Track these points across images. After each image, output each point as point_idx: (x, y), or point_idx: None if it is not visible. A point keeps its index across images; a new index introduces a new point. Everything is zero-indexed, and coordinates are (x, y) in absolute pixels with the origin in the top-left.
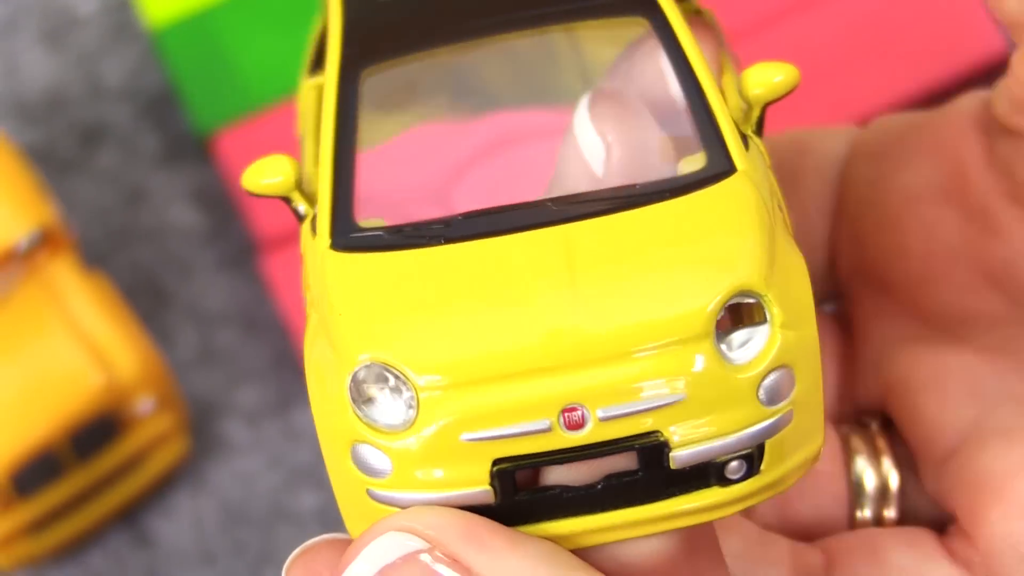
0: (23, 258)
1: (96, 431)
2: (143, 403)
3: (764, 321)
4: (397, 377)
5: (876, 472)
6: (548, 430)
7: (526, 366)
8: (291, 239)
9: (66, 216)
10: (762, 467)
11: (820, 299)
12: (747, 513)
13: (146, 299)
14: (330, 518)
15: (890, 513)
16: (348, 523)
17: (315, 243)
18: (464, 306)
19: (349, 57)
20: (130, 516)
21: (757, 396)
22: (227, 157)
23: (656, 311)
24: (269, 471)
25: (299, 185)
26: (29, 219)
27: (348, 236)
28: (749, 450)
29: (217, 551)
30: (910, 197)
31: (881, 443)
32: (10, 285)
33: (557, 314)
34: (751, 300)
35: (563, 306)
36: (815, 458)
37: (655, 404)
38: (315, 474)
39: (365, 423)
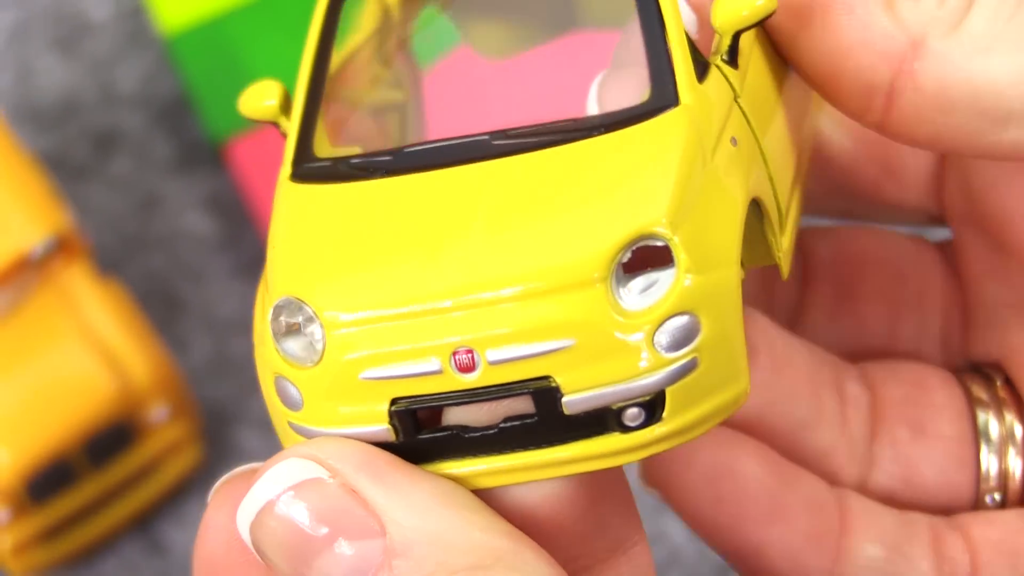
0: (38, 265)
1: (110, 438)
2: (157, 411)
3: (671, 264)
4: (310, 315)
5: (1000, 423)
6: (439, 372)
7: (424, 307)
8: None
9: (80, 223)
10: (664, 415)
11: (920, 226)
12: (868, 475)
13: (160, 306)
14: None
15: (1016, 469)
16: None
17: (280, 173)
18: (380, 246)
19: None
20: (144, 524)
21: (653, 343)
22: (241, 164)
23: (553, 254)
24: None
25: (285, 109)
26: (44, 226)
27: (304, 166)
28: (647, 397)
29: None
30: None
31: (1004, 395)
32: (25, 292)
33: (461, 255)
34: (660, 243)
35: (468, 247)
36: (736, 403)
37: (543, 349)
38: None
39: (282, 357)
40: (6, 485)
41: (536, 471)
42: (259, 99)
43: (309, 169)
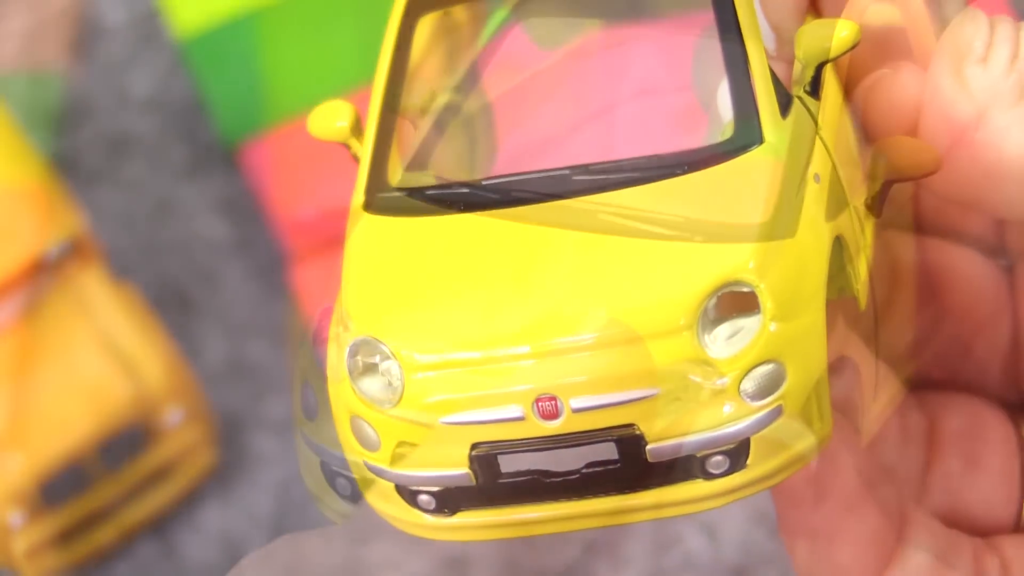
0: (52, 269)
1: (124, 442)
2: (171, 414)
3: (757, 311)
4: (388, 356)
5: None
6: (522, 419)
7: (506, 352)
8: (320, 250)
9: (93, 227)
10: (748, 462)
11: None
12: (919, 501)
13: (174, 310)
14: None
15: None
16: (362, 489)
17: (353, 198)
18: (459, 288)
19: (409, 7)
20: (157, 527)
21: (739, 392)
22: (256, 167)
23: (637, 300)
24: (297, 483)
25: (355, 131)
26: (57, 230)
27: (378, 196)
28: (732, 445)
29: None
30: None
31: None
32: (39, 296)
33: (543, 301)
34: (746, 289)
35: (550, 290)
36: (820, 446)
37: (628, 398)
38: None
39: (359, 397)
40: (20, 488)
41: (616, 516)
42: (330, 120)
43: (384, 200)
